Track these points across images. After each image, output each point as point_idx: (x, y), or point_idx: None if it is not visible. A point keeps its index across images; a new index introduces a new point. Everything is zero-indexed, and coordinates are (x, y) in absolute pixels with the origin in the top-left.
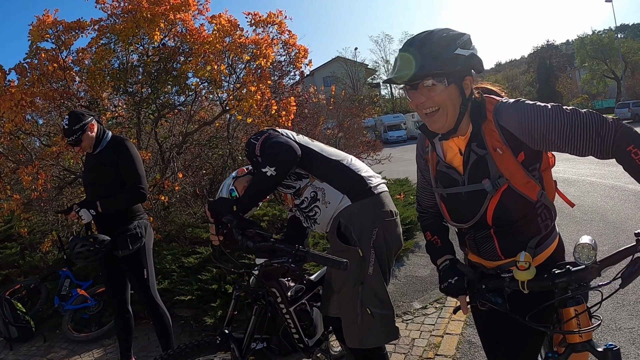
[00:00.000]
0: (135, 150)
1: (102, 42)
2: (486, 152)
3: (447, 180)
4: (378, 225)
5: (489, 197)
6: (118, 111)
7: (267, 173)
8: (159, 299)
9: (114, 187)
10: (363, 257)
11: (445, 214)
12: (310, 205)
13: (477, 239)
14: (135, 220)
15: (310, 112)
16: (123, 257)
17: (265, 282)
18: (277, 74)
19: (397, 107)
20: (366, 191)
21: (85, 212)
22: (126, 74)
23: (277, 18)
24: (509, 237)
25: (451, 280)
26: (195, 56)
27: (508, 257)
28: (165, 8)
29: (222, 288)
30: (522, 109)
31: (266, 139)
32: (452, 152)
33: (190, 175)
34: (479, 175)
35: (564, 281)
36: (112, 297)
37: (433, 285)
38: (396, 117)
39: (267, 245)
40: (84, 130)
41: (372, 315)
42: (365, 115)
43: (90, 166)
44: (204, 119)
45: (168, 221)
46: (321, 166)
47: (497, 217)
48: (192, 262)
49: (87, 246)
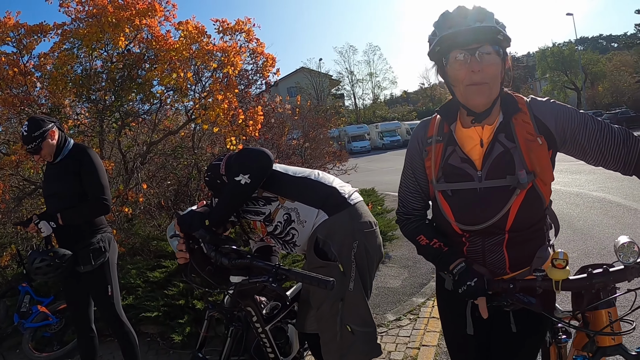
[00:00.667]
0: (98, 160)
1: (65, 47)
2: (514, 146)
3: (456, 175)
4: (358, 237)
5: (516, 194)
6: (80, 119)
7: (242, 181)
8: (124, 317)
9: (76, 198)
10: (343, 273)
11: (447, 215)
12: (285, 229)
13: (486, 247)
14: (99, 233)
15: (277, 122)
16: (85, 273)
17: (240, 302)
18: (244, 82)
19: (361, 118)
20: (341, 203)
21: (44, 224)
22: (89, 81)
23: (245, 26)
24: (518, 246)
25: (470, 283)
26: (161, 63)
27: (514, 271)
28: (131, 13)
29: (190, 303)
30: (558, 105)
31: (230, 155)
32: (472, 143)
33: (154, 186)
34: (501, 171)
35: (601, 281)
36: (75, 316)
37: (405, 296)
38: (360, 128)
39: (244, 263)
40: (44, 137)
41: (352, 333)
42: (332, 126)
43: (50, 176)
44: (168, 128)
45: (132, 234)
46: (289, 185)
47: (518, 219)
48: (158, 276)
49: (46, 261)
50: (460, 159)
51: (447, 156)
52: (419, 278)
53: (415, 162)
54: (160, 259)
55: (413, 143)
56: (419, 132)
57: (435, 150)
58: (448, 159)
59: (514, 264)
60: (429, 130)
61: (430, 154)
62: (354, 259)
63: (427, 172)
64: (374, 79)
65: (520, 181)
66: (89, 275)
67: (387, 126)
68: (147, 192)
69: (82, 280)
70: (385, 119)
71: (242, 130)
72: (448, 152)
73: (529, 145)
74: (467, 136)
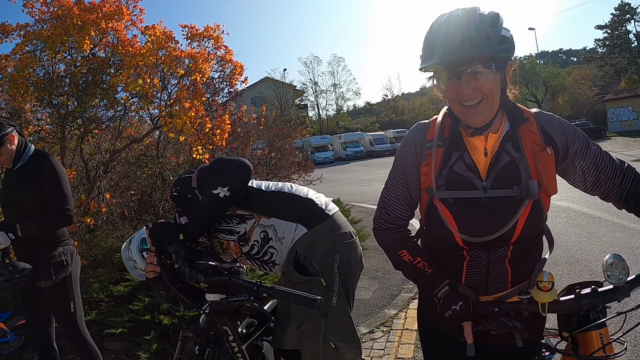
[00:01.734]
0: (61, 167)
1: (27, 49)
2: (520, 156)
3: (459, 183)
4: (340, 249)
5: (524, 205)
6: (41, 125)
7: (220, 194)
8: (87, 335)
9: (36, 208)
10: (327, 287)
11: (450, 225)
12: (262, 248)
13: (491, 260)
14: (60, 246)
15: (243, 132)
16: (46, 288)
17: (217, 321)
18: (210, 90)
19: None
20: (320, 215)
21: (2, 235)
22: (52, 85)
23: (214, 32)
24: (520, 260)
25: (456, 307)
26: (127, 68)
27: (514, 285)
28: (97, 16)
29: (156, 319)
30: (564, 121)
31: (202, 168)
32: (474, 151)
33: (117, 196)
34: (507, 181)
35: (590, 303)
36: (35, 334)
37: (377, 307)
38: (323, 139)
39: (222, 280)
40: (3, 142)
41: (336, 349)
42: (297, 136)
43: (8, 184)
44: (132, 136)
45: (93, 245)
46: (264, 201)
47: (525, 231)
48: (122, 290)
49: (4, 275)
50: (466, 167)
51: (452, 163)
52: (390, 289)
53: (409, 167)
54: (123, 272)
55: (408, 146)
56: (417, 135)
57: (436, 155)
58: (453, 166)
59: (515, 277)
60: (428, 134)
61: (429, 158)
62: (336, 272)
63: (423, 179)
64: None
65: (531, 191)
66: (50, 290)
67: (350, 137)
68: (109, 202)
69: (42, 296)
70: (348, 129)
71: (209, 139)
72: (453, 159)
73: (537, 155)
74: (471, 144)
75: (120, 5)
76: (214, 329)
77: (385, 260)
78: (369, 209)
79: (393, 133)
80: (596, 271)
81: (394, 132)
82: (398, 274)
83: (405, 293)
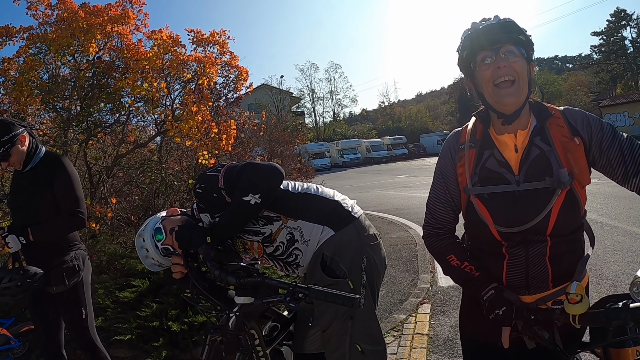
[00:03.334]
0: (73, 169)
1: (31, 52)
2: (550, 149)
3: (493, 179)
4: (367, 251)
5: (556, 195)
6: (44, 129)
7: (251, 201)
8: (99, 342)
9: (47, 211)
10: (353, 289)
11: (485, 218)
12: (288, 249)
13: (530, 256)
14: (72, 250)
15: (246, 137)
16: (57, 294)
17: (246, 324)
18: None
19: (321, 136)
20: (346, 217)
21: (13, 239)
22: (56, 88)
23: (220, 38)
24: (560, 257)
25: (499, 311)
26: (133, 72)
27: (556, 285)
28: (103, 19)
29: (165, 325)
30: (590, 114)
31: (231, 168)
32: (505, 148)
33: (122, 201)
34: (539, 173)
35: (620, 318)
36: (44, 341)
37: (386, 312)
38: (320, 145)
39: (255, 281)
40: (14, 142)
41: (362, 352)
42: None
43: (18, 186)
44: (136, 140)
45: (96, 251)
46: (291, 203)
47: (559, 222)
48: (128, 296)
49: (14, 280)
50: (497, 163)
51: (484, 160)
52: (398, 294)
53: (447, 170)
54: (129, 277)
55: (445, 151)
56: (451, 140)
57: (469, 156)
58: (485, 163)
59: (557, 276)
60: (461, 137)
61: (463, 159)
62: (364, 274)
63: (460, 180)
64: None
65: (562, 179)
66: (62, 296)
67: (347, 144)
68: (114, 207)
69: (52, 302)
70: (345, 136)
71: (215, 144)
72: (485, 156)
73: (566, 146)
74: (501, 142)
75: (126, 9)
76: (243, 333)
77: (392, 266)
78: (370, 216)
79: (390, 140)
80: (601, 274)
81: (390, 139)
82: (405, 278)
83: (413, 297)
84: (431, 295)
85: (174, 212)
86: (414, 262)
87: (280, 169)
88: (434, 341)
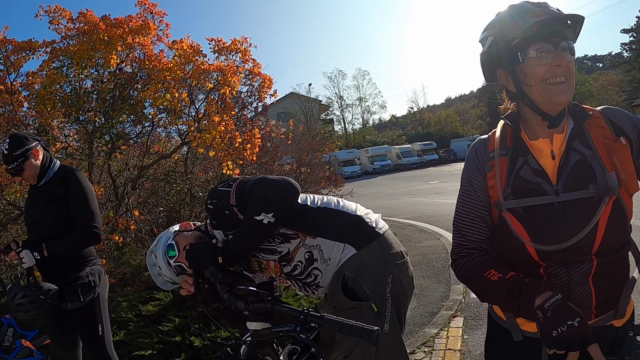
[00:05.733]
0: (88, 183)
1: (54, 66)
2: (592, 153)
3: (528, 190)
4: (392, 270)
5: (604, 204)
6: (69, 141)
7: (264, 221)
8: (115, 358)
9: (62, 226)
10: (378, 313)
11: (521, 236)
12: (306, 269)
13: (573, 277)
14: (87, 266)
15: (272, 146)
16: (73, 310)
17: (259, 351)
18: (238, 105)
19: (351, 143)
20: (370, 234)
21: (27, 254)
22: (79, 100)
23: (242, 45)
24: (605, 278)
25: (572, 322)
26: (154, 83)
27: (600, 312)
28: (124, 31)
29: (187, 340)
30: (631, 113)
31: (242, 183)
32: (541, 155)
33: (146, 213)
34: (581, 181)
35: None
36: (60, 357)
37: (417, 326)
38: (350, 153)
39: (265, 308)
40: (27, 157)
41: None
42: (327, 150)
43: (33, 201)
44: (159, 152)
45: (121, 263)
46: (309, 219)
47: (607, 237)
48: (151, 310)
49: (28, 297)
50: (533, 172)
51: (517, 169)
52: (429, 307)
53: (475, 181)
54: (153, 290)
55: (471, 161)
56: (479, 148)
57: (500, 165)
58: (519, 171)
59: (600, 302)
60: (489, 145)
61: (493, 169)
62: (389, 296)
63: (491, 193)
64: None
65: (610, 184)
66: (77, 313)
67: (377, 150)
68: (138, 219)
69: (68, 318)
70: (375, 143)
71: (239, 154)
72: (519, 164)
73: (610, 148)
74: (536, 149)
75: (146, 20)
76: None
77: (423, 276)
78: (400, 223)
79: (420, 146)
80: None
81: (421, 145)
82: (437, 290)
83: (445, 310)
84: (464, 308)
85: (187, 226)
86: (446, 272)
87: (294, 185)
88: (467, 357)
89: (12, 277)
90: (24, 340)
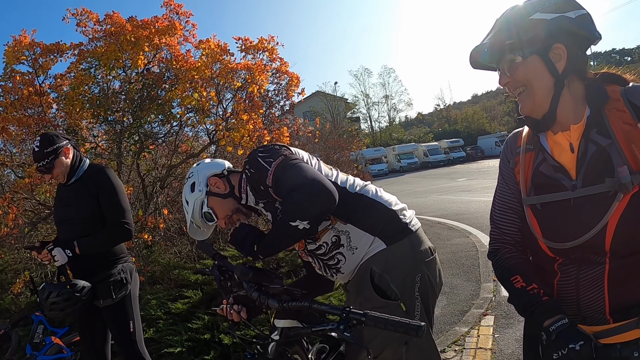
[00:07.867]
0: (118, 180)
1: (82, 67)
2: (610, 142)
3: (548, 186)
4: (421, 268)
5: (617, 200)
6: (97, 142)
7: (299, 227)
8: (147, 355)
9: (93, 223)
10: (406, 312)
11: (535, 231)
12: (331, 252)
13: (581, 279)
14: (119, 263)
15: (300, 145)
16: (105, 307)
17: (288, 350)
18: (266, 103)
19: (378, 141)
20: (402, 230)
21: (59, 252)
22: (107, 101)
23: (269, 44)
24: (622, 283)
25: (575, 346)
26: (182, 83)
27: (616, 319)
28: (150, 32)
29: (216, 338)
30: None
31: (284, 167)
32: (560, 149)
33: (175, 212)
34: (598, 175)
35: None
36: (89, 354)
37: (447, 325)
38: (377, 151)
39: (300, 306)
40: (57, 154)
41: None
42: (354, 148)
43: (63, 199)
44: (187, 151)
45: (150, 261)
46: (344, 204)
47: (620, 235)
48: (180, 307)
49: (63, 295)
50: (552, 168)
51: (538, 164)
52: (459, 305)
53: (507, 174)
54: (182, 288)
55: (503, 154)
56: (510, 142)
57: (525, 160)
58: (539, 167)
59: (615, 308)
60: (519, 139)
61: (518, 165)
62: (418, 295)
63: (519, 187)
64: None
65: (622, 181)
66: (109, 310)
67: (404, 148)
68: (167, 218)
69: (99, 315)
70: (401, 141)
71: None
72: (538, 160)
73: (629, 136)
74: (555, 143)
75: (173, 21)
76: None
77: (452, 274)
78: (429, 221)
79: (447, 143)
80: None
81: (447, 142)
82: (467, 288)
83: (475, 309)
84: (494, 306)
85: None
86: (476, 270)
87: (334, 196)
88: (498, 357)
89: (42, 275)
90: (53, 337)
